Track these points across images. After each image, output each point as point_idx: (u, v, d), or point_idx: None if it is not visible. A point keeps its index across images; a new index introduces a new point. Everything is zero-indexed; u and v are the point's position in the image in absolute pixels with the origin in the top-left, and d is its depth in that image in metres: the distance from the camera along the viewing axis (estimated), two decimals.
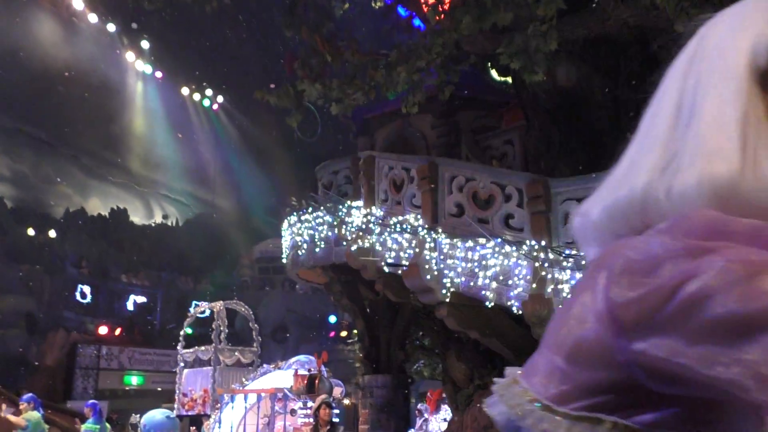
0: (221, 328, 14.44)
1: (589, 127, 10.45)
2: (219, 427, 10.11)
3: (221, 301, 14.82)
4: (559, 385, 0.76)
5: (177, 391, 14.54)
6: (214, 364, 13.91)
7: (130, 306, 27.06)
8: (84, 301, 26.22)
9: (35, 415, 10.51)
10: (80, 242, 29.81)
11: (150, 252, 33.23)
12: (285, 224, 12.80)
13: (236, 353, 14.27)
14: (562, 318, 0.78)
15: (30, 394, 11.11)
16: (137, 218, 40.64)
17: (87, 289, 26.08)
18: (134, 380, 25.07)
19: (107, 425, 13.71)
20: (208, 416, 13.18)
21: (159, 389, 24.19)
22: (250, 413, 10.09)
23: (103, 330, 25.44)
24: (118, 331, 25.50)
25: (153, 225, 40.77)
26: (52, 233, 29.30)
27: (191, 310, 15.41)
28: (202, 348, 14.47)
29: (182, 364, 14.75)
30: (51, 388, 18.64)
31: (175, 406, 14.40)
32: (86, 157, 42.44)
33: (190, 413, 14.27)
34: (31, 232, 28.46)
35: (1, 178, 36.05)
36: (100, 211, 37.65)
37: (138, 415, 15.49)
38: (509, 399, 0.86)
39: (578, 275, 7.94)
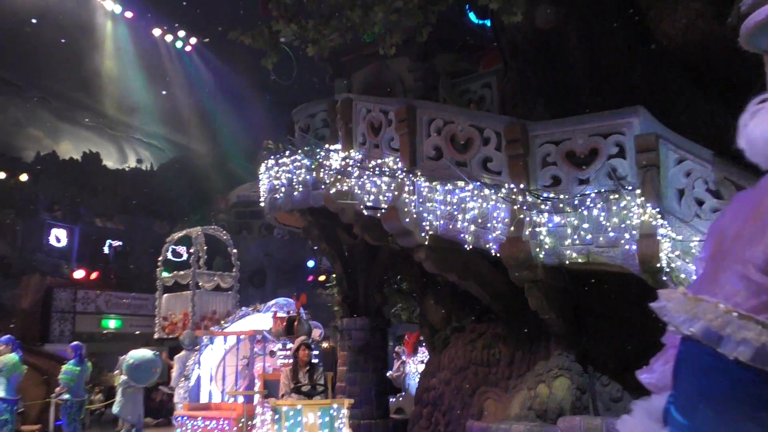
0: (200, 254, 14.55)
1: (566, 70, 10.41)
2: (198, 368, 10.19)
3: (200, 227, 14.93)
4: (758, 297, 0.81)
5: (157, 316, 14.76)
6: (193, 288, 14.09)
7: (105, 250, 26.90)
8: (59, 245, 26.00)
9: (13, 357, 10.52)
10: (53, 186, 29.39)
11: (125, 196, 32.91)
12: (262, 168, 12.69)
13: (215, 278, 14.51)
14: (755, 237, 0.83)
15: (7, 336, 11.07)
16: (111, 162, 40.06)
17: (62, 233, 25.84)
18: (112, 324, 25.09)
19: (89, 365, 13.83)
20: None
21: (137, 332, 24.27)
22: (229, 355, 10.19)
23: (79, 274, 25.30)
24: (94, 275, 25.38)
25: (127, 169, 40.23)
26: (24, 177, 28.84)
27: (168, 245, 15.41)
28: (181, 272, 14.64)
29: (161, 290, 14.93)
30: (27, 332, 18.62)
31: (156, 329, 14.62)
32: (56, 100, 41.46)
33: (170, 336, 14.47)
34: (1, 176, 27.99)
35: None
36: (72, 155, 37.01)
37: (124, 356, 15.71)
38: (704, 313, 0.92)
39: (555, 218, 8.02)
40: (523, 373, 9.06)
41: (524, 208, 8.20)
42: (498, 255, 8.42)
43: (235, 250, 15.28)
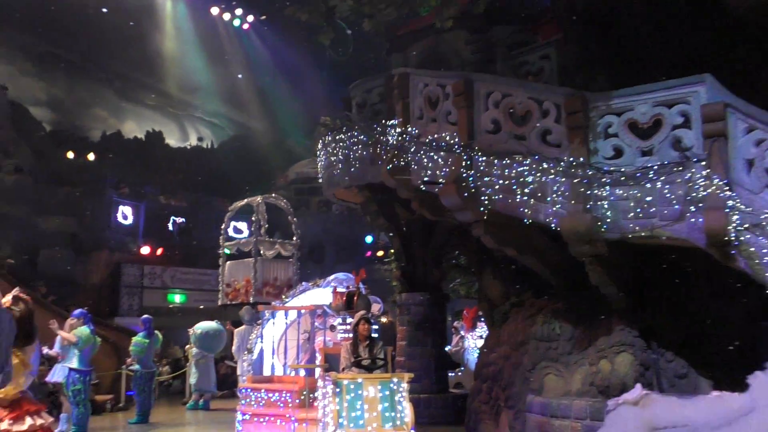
0: (261, 222, 14.88)
1: (628, 39, 10.12)
2: (261, 342, 10.40)
3: (260, 196, 15.27)
4: None
5: (220, 283, 15.19)
6: (255, 255, 14.46)
7: (169, 227, 27.56)
8: (125, 222, 26.77)
9: (85, 330, 10.91)
10: (118, 165, 30.23)
11: (186, 174, 33.63)
12: (319, 144, 12.77)
13: (276, 245, 14.86)
14: None
15: (80, 310, 11.47)
16: (173, 141, 40.94)
17: (128, 210, 26.57)
18: (177, 298, 25.82)
19: (160, 338, 14.37)
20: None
21: (201, 307, 24.91)
22: (290, 329, 10.35)
23: (145, 250, 26.04)
24: (159, 251, 26.10)
25: (188, 147, 41.06)
26: (91, 156, 29.71)
27: (230, 215, 15.75)
28: (243, 240, 15.03)
29: (224, 257, 15.40)
30: (98, 306, 19.33)
31: (219, 296, 15.07)
32: (119, 80, 42.47)
33: (233, 303, 14.89)
34: (70, 155, 28.88)
35: (39, 103, 36.36)
36: (136, 134, 37.97)
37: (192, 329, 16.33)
38: None
39: (617, 191, 7.85)
40: (584, 349, 8.95)
41: (584, 181, 8.04)
42: (558, 229, 8.30)
43: (295, 219, 15.63)
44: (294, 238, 15.31)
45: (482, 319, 14.17)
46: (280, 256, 15.02)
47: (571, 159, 8.20)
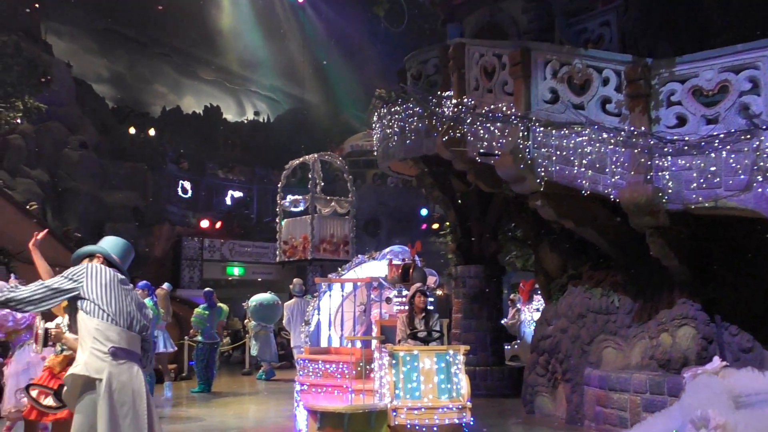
0: (317, 180, 15.07)
1: (693, 3, 9.76)
2: (317, 314, 10.51)
3: (316, 154, 15.46)
4: None
5: (278, 240, 15.49)
6: (312, 211, 14.66)
7: (228, 200, 28.02)
8: (185, 196, 27.34)
9: (149, 302, 11.22)
10: (178, 140, 30.81)
11: (244, 148, 34.07)
12: (375, 117, 12.75)
13: (333, 203, 15.04)
14: None
15: (144, 282, 11.82)
16: (230, 115, 41.46)
17: (187, 184, 27.11)
18: (236, 271, 26.30)
19: (224, 310, 14.79)
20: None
21: (259, 279, 25.34)
22: (346, 301, 10.42)
23: (204, 223, 26.56)
24: (218, 225, 26.58)
25: (245, 121, 41.53)
26: (152, 132, 30.34)
27: (288, 171, 15.96)
28: (300, 197, 15.25)
29: (281, 215, 15.70)
30: (160, 278, 19.81)
31: (277, 254, 15.37)
32: (177, 55, 43.16)
33: (291, 260, 15.16)
34: (132, 131, 29.56)
35: (101, 79, 37.24)
36: (195, 108, 38.57)
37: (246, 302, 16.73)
38: None
39: (680, 161, 7.62)
40: (644, 322, 8.79)
41: (645, 151, 7.84)
42: (617, 200, 8.13)
43: (350, 177, 15.82)
44: (349, 196, 15.52)
45: (538, 292, 14.05)
46: (336, 214, 15.22)
47: (632, 128, 8.00)
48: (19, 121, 16.21)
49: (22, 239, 13.83)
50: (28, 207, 16.05)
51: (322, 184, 15.39)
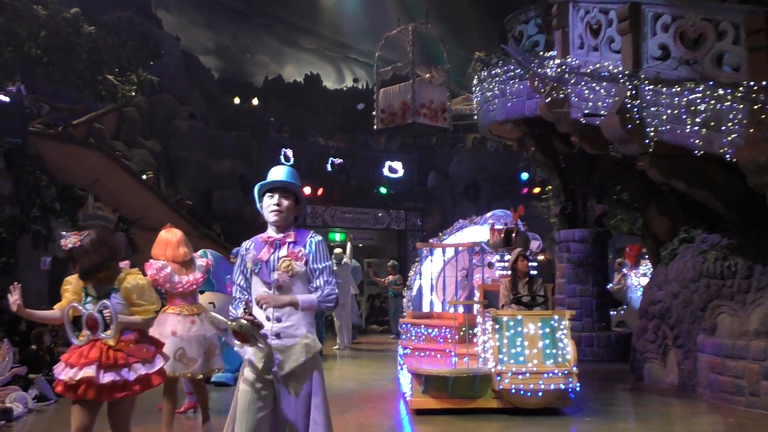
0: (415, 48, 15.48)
1: None
2: (419, 279, 10.59)
3: (411, 23, 15.92)
4: None
5: (375, 109, 15.93)
6: (413, 75, 15.03)
7: (328, 167, 28.40)
8: (287, 163, 27.93)
9: None
10: (280, 108, 31.39)
11: (343, 115, 34.33)
12: (475, 80, 12.59)
13: (431, 70, 15.39)
14: None
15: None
16: (329, 83, 41.85)
17: (290, 152, 27.64)
18: (337, 237, 26.76)
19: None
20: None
21: (360, 245, 25.69)
22: (448, 266, 10.44)
23: (306, 190, 27.00)
24: (319, 191, 27.02)
25: (344, 89, 41.84)
26: (255, 101, 31.05)
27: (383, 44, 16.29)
28: (398, 64, 15.72)
29: (379, 84, 16.19)
30: None
31: (375, 122, 15.76)
32: (278, 25, 43.81)
33: (390, 126, 15.56)
34: (236, 100, 30.35)
35: (208, 51, 38.34)
36: (295, 77, 39.16)
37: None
38: None
39: None
40: (763, 287, 8.37)
41: (766, 107, 7.38)
42: (734, 160, 7.72)
43: (446, 46, 16.19)
44: (446, 64, 15.81)
45: (646, 257, 13.61)
46: (432, 83, 15.72)
47: (751, 83, 7.54)
48: (134, 94, 16.94)
49: (139, 207, 14.66)
50: (144, 177, 16.83)
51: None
